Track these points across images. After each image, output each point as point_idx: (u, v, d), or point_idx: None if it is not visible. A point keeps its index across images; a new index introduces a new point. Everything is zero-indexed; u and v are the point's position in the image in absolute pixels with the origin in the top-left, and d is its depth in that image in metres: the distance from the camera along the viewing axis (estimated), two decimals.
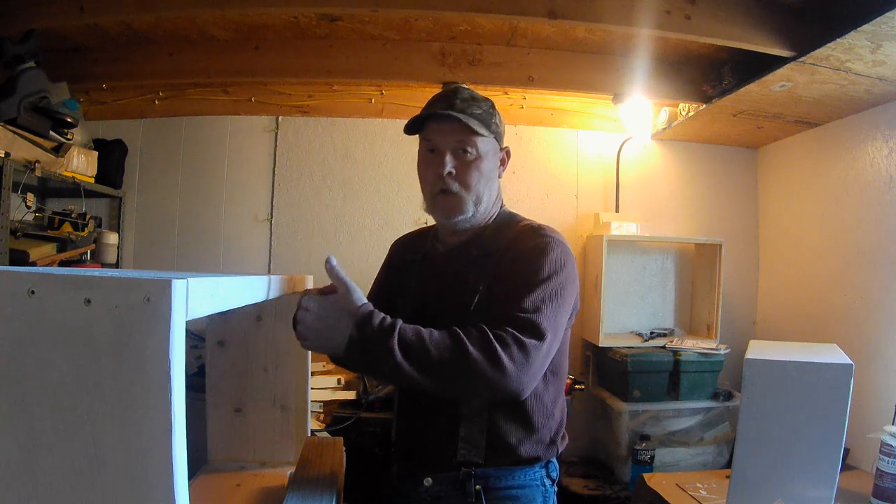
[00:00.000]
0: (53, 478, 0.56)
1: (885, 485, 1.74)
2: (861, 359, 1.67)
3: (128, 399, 0.55)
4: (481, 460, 1.16)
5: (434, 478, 1.20)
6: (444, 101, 1.21)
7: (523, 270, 1.13)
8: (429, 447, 1.22)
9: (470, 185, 1.20)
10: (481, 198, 1.22)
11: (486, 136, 1.20)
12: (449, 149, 1.20)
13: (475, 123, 1.17)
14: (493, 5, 1.92)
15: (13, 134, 2.15)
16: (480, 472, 1.17)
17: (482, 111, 1.20)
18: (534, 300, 1.07)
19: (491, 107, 1.24)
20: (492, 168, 1.24)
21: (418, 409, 1.26)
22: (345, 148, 3.10)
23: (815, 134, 2.74)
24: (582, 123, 3.09)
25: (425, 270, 1.31)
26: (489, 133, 1.20)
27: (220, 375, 1.57)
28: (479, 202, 1.22)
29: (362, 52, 2.40)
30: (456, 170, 1.20)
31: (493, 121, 1.22)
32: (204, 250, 3.05)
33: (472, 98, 1.22)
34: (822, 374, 1.36)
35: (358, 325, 1.03)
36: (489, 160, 1.23)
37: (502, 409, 1.17)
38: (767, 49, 1.94)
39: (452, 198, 1.21)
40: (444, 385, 1.03)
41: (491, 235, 1.25)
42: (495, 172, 1.27)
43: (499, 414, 1.17)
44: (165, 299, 0.54)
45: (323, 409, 2.62)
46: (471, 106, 1.20)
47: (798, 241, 2.86)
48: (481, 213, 1.24)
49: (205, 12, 2.09)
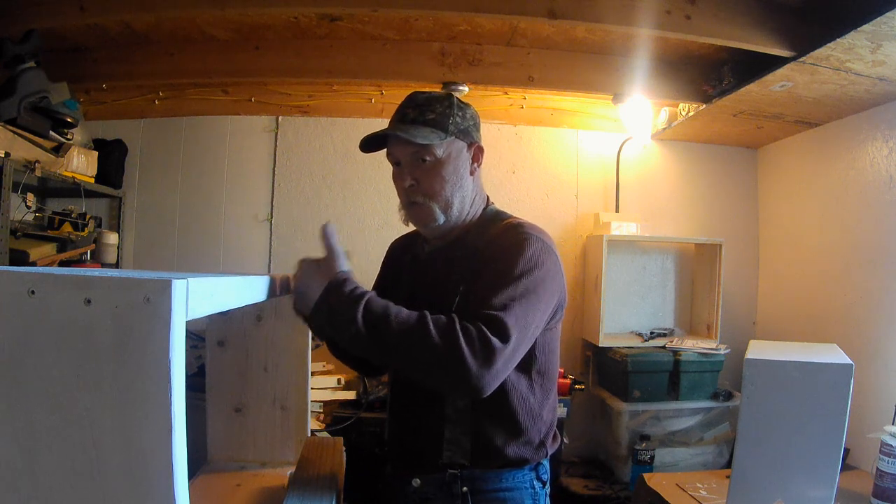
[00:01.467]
0: (53, 478, 0.56)
1: (885, 485, 1.74)
2: (861, 359, 1.67)
3: (128, 399, 0.55)
4: (467, 462, 1.16)
5: (422, 479, 1.20)
6: (398, 113, 1.20)
7: (498, 267, 1.10)
8: (416, 448, 1.22)
9: (434, 193, 1.19)
10: (451, 202, 1.20)
11: (440, 142, 1.16)
12: (409, 161, 1.19)
13: (425, 132, 1.15)
14: (493, 5, 1.92)
15: (13, 134, 2.15)
16: (467, 474, 1.16)
17: (436, 114, 1.17)
18: (503, 298, 1.04)
19: (448, 106, 1.19)
20: (458, 168, 1.20)
21: (407, 410, 1.26)
22: (345, 148, 3.10)
23: (815, 134, 2.73)
24: (582, 123, 3.09)
25: (413, 271, 1.31)
26: (445, 135, 1.17)
27: (220, 375, 1.57)
28: (448, 207, 1.20)
29: (362, 52, 2.40)
30: (417, 180, 1.19)
31: (451, 121, 1.18)
32: (204, 250, 3.05)
33: (426, 102, 1.19)
34: (822, 374, 1.36)
35: (328, 289, 1.05)
36: (453, 162, 1.19)
37: (487, 411, 1.16)
38: (767, 49, 1.94)
39: (420, 208, 1.20)
40: (401, 363, 1.06)
41: (474, 234, 1.24)
42: (465, 172, 1.22)
43: (484, 415, 1.16)
44: (165, 299, 0.54)
45: (323, 409, 2.63)
46: (424, 112, 1.17)
47: (798, 241, 2.86)
48: (456, 216, 1.22)
49: (205, 12, 2.08)
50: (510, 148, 3.12)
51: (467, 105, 1.25)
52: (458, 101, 1.23)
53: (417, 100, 1.20)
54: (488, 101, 2.77)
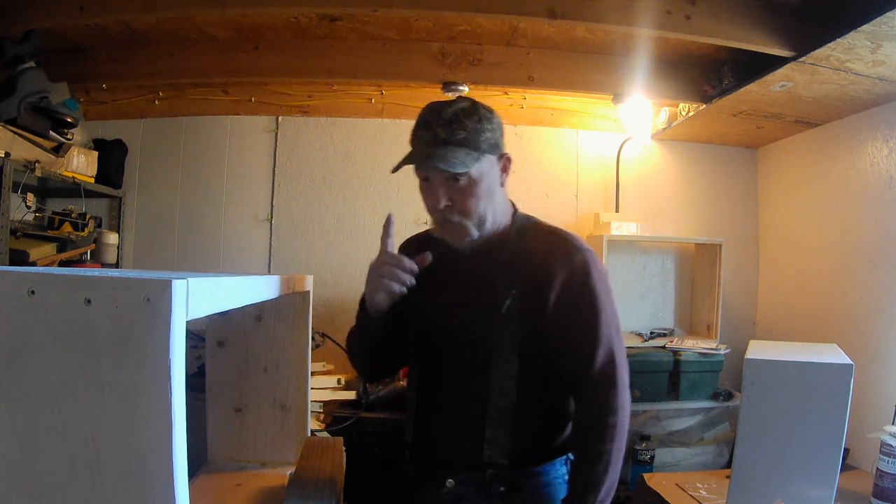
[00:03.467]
0: (53, 477, 0.56)
1: (885, 485, 1.74)
2: (861, 359, 1.66)
3: (128, 399, 0.55)
4: (506, 461, 1.16)
5: (456, 479, 1.19)
6: (426, 131, 1.15)
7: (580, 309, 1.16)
8: (452, 448, 1.21)
9: (469, 212, 1.17)
10: (485, 218, 1.19)
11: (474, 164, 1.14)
12: (441, 180, 1.16)
13: (461, 156, 1.11)
14: (493, 5, 1.92)
15: (13, 134, 2.15)
16: (504, 474, 1.16)
17: (467, 132, 1.13)
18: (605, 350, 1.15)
19: (478, 120, 1.15)
20: (491, 184, 1.19)
21: (442, 411, 1.24)
22: (345, 148, 3.10)
23: (815, 134, 2.73)
24: (582, 123, 3.09)
25: (443, 270, 1.26)
26: (479, 155, 1.14)
27: (220, 375, 1.57)
28: (483, 223, 1.19)
29: (362, 52, 2.40)
30: (452, 200, 1.16)
31: (483, 137, 1.15)
32: (204, 250, 3.05)
33: (455, 118, 1.13)
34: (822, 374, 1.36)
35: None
36: (486, 178, 1.18)
37: (529, 411, 1.17)
38: (767, 49, 1.94)
39: (454, 226, 1.19)
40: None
41: (515, 240, 1.24)
42: (496, 185, 1.22)
43: (526, 415, 1.17)
44: (165, 299, 0.54)
45: (323, 409, 2.62)
46: (455, 131, 1.13)
47: (798, 241, 2.86)
48: (489, 228, 1.22)
49: (205, 12, 2.08)
50: (510, 148, 3.04)
51: (492, 112, 1.21)
52: (484, 111, 1.19)
53: (445, 115, 1.14)
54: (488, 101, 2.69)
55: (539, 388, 1.18)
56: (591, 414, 1.15)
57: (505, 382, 1.16)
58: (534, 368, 1.17)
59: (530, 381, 1.17)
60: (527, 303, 1.17)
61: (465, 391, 1.19)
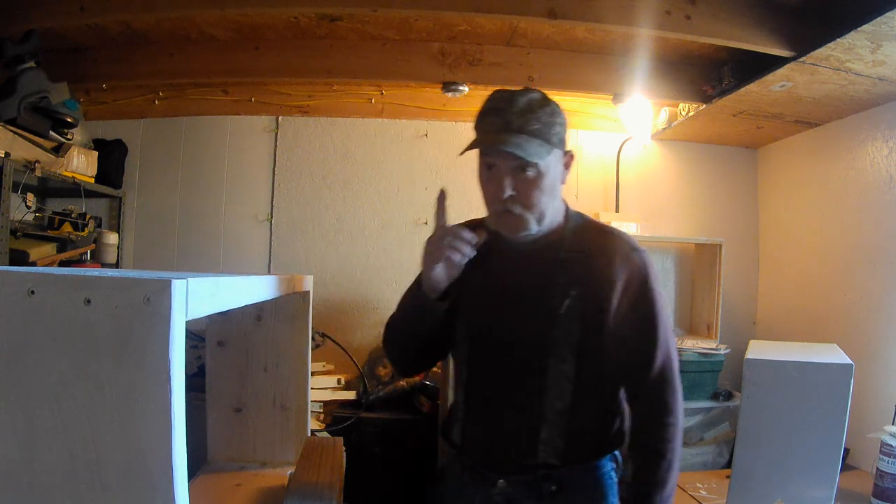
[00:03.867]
0: (53, 477, 0.56)
1: (885, 485, 1.74)
2: (861, 359, 1.66)
3: (128, 399, 0.55)
4: (559, 461, 1.16)
5: (507, 479, 1.18)
6: (498, 116, 1.11)
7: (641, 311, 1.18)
8: (505, 450, 1.20)
9: (532, 205, 1.15)
10: (545, 213, 1.17)
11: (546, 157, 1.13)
12: (508, 168, 1.13)
13: (534, 147, 1.10)
14: (493, 5, 1.92)
15: (13, 134, 2.15)
16: (556, 474, 1.16)
17: (541, 124, 1.11)
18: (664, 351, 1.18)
19: (551, 114, 1.13)
20: (554, 179, 1.18)
21: (495, 411, 1.22)
22: (345, 148, 3.10)
23: (815, 134, 2.73)
24: (582, 123, 3.09)
25: (493, 268, 1.23)
26: (551, 148, 1.13)
27: (220, 375, 1.58)
28: (542, 218, 1.18)
29: (362, 52, 2.40)
30: (517, 191, 1.14)
31: (554, 130, 1.13)
32: (204, 250, 3.05)
33: (528, 108, 1.11)
34: (822, 374, 1.36)
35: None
36: (551, 173, 1.16)
37: (585, 412, 1.17)
38: (767, 49, 1.94)
39: (514, 218, 1.16)
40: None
41: (571, 239, 1.22)
42: (558, 181, 1.20)
43: (581, 416, 1.17)
44: (165, 299, 0.54)
45: (323, 409, 2.63)
46: (529, 120, 1.10)
47: (798, 241, 2.86)
48: (546, 225, 1.20)
49: (205, 12, 2.08)
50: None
51: (559, 107, 1.18)
52: (556, 105, 1.16)
53: (519, 104, 1.11)
54: None
55: (592, 389, 1.18)
56: (651, 414, 1.17)
57: (561, 383, 1.15)
58: (589, 369, 1.16)
59: (585, 382, 1.16)
60: (586, 303, 1.16)
61: (519, 392, 1.18)
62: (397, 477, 2.53)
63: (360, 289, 3.02)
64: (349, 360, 2.71)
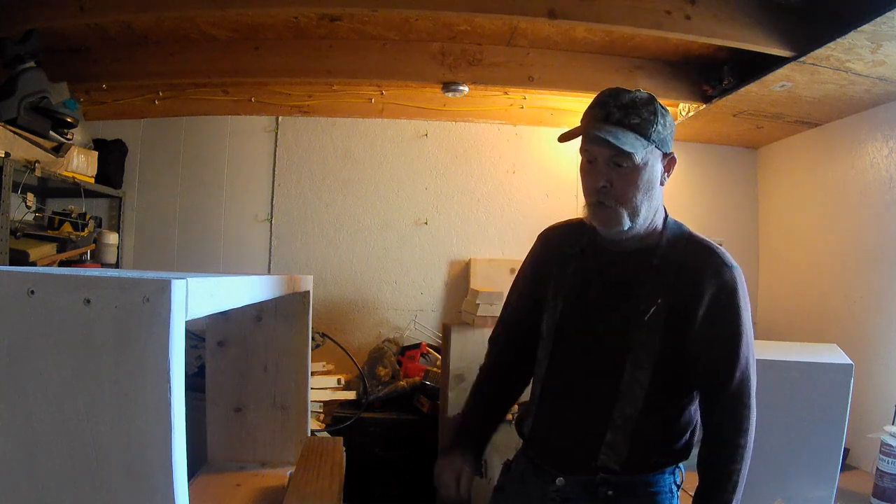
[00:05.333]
0: (53, 477, 0.56)
1: (885, 485, 1.74)
2: (861, 359, 1.66)
3: (127, 399, 0.55)
4: (619, 467, 1.15)
5: (567, 478, 1.18)
6: (601, 108, 1.16)
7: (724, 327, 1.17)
8: (568, 447, 1.20)
9: (625, 199, 1.15)
10: (639, 210, 1.17)
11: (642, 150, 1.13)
12: (605, 161, 1.16)
13: (630, 139, 1.11)
14: (492, 5, 1.92)
15: (13, 134, 2.15)
16: (615, 479, 1.15)
17: (641, 119, 1.13)
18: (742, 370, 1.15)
19: (653, 112, 1.15)
20: (651, 178, 1.17)
21: (567, 409, 1.22)
22: (345, 148, 3.10)
23: (815, 134, 2.73)
24: None
25: (586, 266, 1.25)
26: (648, 143, 1.13)
27: (219, 375, 1.57)
28: (636, 214, 1.17)
29: (362, 52, 2.40)
30: (611, 183, 1.15)
31: (655, 128, 1.14)
32: (204, 250, 3.05)
33: (631, 104, 1.14)
34: (822, 374, 1.36)
35: None
36: (648, 170, 1.16)
37: (653, 420, 1.16)
38: (767, 49, 1.94)
39: (607, 210, 1.17)
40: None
41: (665, 248, 1.22)
42: (656, 181, 1.19)
43: (648, 424, 1.16)
44: (165, 299, 0.54)
45: (323, 409, 2.63)
46: (629, 115, 1.13)
47: (798, 240, 2.86)
48: (641, 225, 1.19)
49: (205, 12, 2.08)
50: (510, 148, 3.12)
51: (667, 111, 1.20)
52: (661, 107, 1.18)
53: (623, 99, 1.15)
54: (488, 101, 2.77)
55: (664, 399, 1.17)
56: (722, 433, 1.15)
57: (634, 389, 1.15)
58: (664, 379, 1.15)
59: (658, 392, 1.15)
60: (672, 313, 1.15)
61: (592, 392, 1.18)
62: (397, 477, 2.53)
63: (360, 289, 3.02)
64: (349, 360, 2.71)
